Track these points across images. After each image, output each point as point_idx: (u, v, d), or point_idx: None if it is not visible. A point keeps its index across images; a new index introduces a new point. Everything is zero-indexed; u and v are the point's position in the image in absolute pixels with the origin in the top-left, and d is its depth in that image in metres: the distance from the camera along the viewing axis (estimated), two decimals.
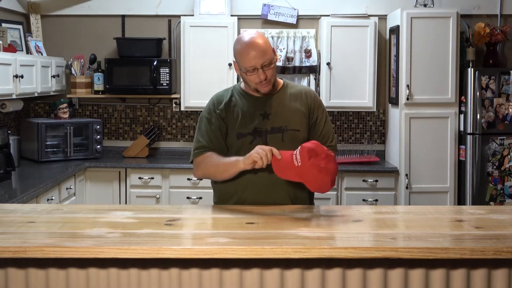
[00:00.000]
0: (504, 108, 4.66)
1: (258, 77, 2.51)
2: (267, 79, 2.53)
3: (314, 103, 2.68)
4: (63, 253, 1.92)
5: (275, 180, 2.53)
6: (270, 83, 2.57)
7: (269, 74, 2.53)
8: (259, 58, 2.48)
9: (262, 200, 2.56)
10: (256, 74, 2.51)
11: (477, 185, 4.69)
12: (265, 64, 2.50)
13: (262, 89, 2.57)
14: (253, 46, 2.49)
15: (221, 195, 2.70)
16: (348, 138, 5.35)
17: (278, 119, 2.60)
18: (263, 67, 2.50)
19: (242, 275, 1.99)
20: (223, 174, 2.57)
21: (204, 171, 2.64)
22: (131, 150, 5.22)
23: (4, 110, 4.53)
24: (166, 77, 4.99)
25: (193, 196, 4.79)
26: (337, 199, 4.81)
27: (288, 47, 5.11)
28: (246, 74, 2.54)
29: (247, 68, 2.51)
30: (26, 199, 3.52)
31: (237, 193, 2.61)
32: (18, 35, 4.82)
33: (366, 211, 2.49)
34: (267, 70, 2.52)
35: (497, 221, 2.31)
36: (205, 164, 2.61)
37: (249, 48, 2.49)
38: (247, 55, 2.49)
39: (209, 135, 2.62)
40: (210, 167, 2.60)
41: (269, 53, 2.51)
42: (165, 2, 5.27)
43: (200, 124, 2.68)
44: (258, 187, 2.58)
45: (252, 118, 2.59)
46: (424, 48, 4.72)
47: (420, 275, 1.99)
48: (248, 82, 2.58)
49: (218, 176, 2.62)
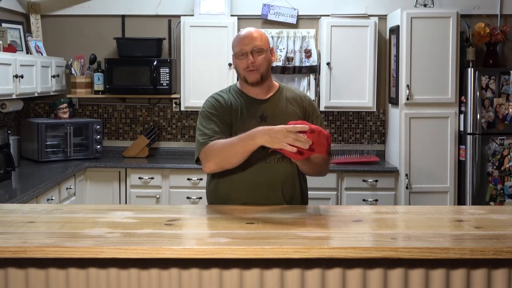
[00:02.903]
0: (504, 108, 4.66)
1: (246, 62, 2.56)
2: (255, 64, 2.56)
3: (310, 108, 2.70)
4: (63, 253, 1.92)
5: (270, 180, 2.55)
6: (258, 72, 2.58)
7: (257, 61, 2.57)
8: (249, 44, 2.57)
9: (256, 201, 2.56)
10: (245, 59, 2.57)
11: (477, 185, 4.69)
12: (255, 49, 2.56)
13: (249, 77, 2.58)
14: (247, 33, 2.62)
15: (215, 195, 2.68)
16: (348, 138, 5.35)
17: (275, 122, 2.58)
18: (252, 52, 2.56)
19: (242, 275, 1.99)
20: (238, 156, 2.43)
21: (218, 158, 2.47)
22: (131, 150, 5.22)
23: (4, 110, 4.53)
24: (166, 77, 4.99)
25: (193, 196, 4.79)
26: (337, 199, 4.81)
27: (288, 47, 5.11)
28: (236, 58, 2.60)
29: (237, 52, 2.59)
30: (26, 199, 3.52)
31: (230, 193, 2.61)
32: (18, 35, 4.82)
33: (366, 211, 2.49)
34: (257, 57, 2.57)
35: (497, 221, 2.31)
36: (215, 151, 2.46)
37: (243, 36, 2.62)
38: (239, 40, 2.61)
39: (216, 124, 2.56)
40: (223, 152, 2.45)
41: (260, 41, 2.59)
42: (165, 2, 5.27)
43: (203, 118, 2.61)
44: (252, 187, 2.57)
45: (250, 120, 2.59)
46: (424, 48, 4.72)
47: (420, 275, 1.99)
48: (238, 70, 2.63)
49: (232, 160, 2.46)
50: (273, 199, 2.58)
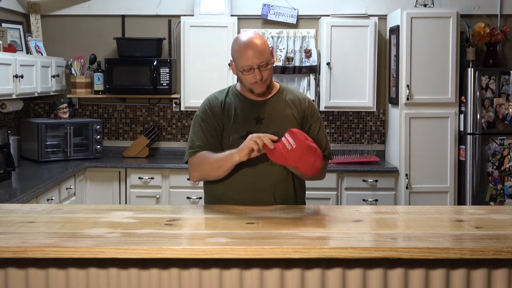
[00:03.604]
0: (504, 108, 4.66)
1: (254, 77, 2.51)
2: (263, 79, 2.53)
3: (308, 110, 2.66)
4: (63, 253, 1.92)
5: (262, 183, 2.56)
6: (265, 84, 2.56)
7: (265, 75, 2.52)
8: (256, 58, 2.48)
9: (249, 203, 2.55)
10: (252, 74, 2.51)
11: (477, 185, 4.69)
12: (262, 64, 2.50)
13: (256, 89, 2.56)
14: (251, 46, 2.49)
15: (210, 196, 2.70)
16: (348, 138, 5.35)
17: (271, 124, 2.58)
18: (259, 67, 2.49)
19: (242, 275, 1.99)
20: (218, 170, 2.53)
21: (200, 171, 2.58)
22: (131, 150, 5.22)
23: (4, 110, 4.53)
24: (166, 77, 4.99)
25: (193, 196, 4.79)
26: (337, 199, 4.81)
27: (288, 47, 5.11)
28: (242, 74, 2.54)
29: (243, 68, 2.51)
30: (26, 199, 3.52)
31: (225, 195, 2.61)
32: (18, 35, 4.82)
33: (366, 211, 2.49)
34: (264, 71, 2.51)
35: (497, 221, 2.31)
36: (199, 163, 2.57)
37: (247, 48, 2.49)
38: (245, 54, 2.49)
39: (204, 134, 2.60)
40: (204, 165, 2.55)
41: (266, 53, 2.51)
42: (165, 2, 5.27)
43: (194, 124, 2.65)
44: (245, 189, 2.57)
45: (246, 122, 2.58)
46: (424, 48, 4.72)
47: (420, 275, 1.99)
48: (244, 81, 2.58)
49: (212, 173, 2.56)
50: (264, 202, 2.57)
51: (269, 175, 2.58)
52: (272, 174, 2.58)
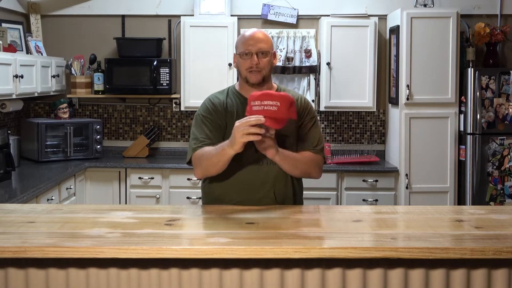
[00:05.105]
0: (504, 108, 4.66)
1: (251, 62, 2.57)
2: (259, 66, 2.57)
3: (303, 109, 2.67)
4: (63, 253, 1.92)
5: (261, 181, 2.56)
6: (261, 74, 2.59)
7: (261, 63, 2.58)
8: (255, 44, 2.58)
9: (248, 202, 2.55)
10: (250, 59, 2.57)
11: (477, 185, 4.69)
12: (260, 51, 2.57)
13: (251, 77, 2.59)
14: (254, 34, 2.63)
15: (208, 197, 2.69)
16: (348, 138, 5.35)
17: None
18: (257, 54, 2.57)
19: (242, 275, 1.99)
20: (216, 166, 2.51)
21: (201, 167, 2.57)
22: (131, 150, 5.22)
23: (4, 110, 4.53)
24: (166, 77, 4.99)
25: (193, 196, 4.79)
26: (337, 199, 4.81)
27: (288, 47, 5.11)
28: (240, 58, 2.60)
29: (243, 51, 2.59)
30: (26, 199, 3.52)
31: (223, 195, 2.61)
32: (18, 35, 4.82)
33: (366, 211, 2.49)
34: (261, 58, 2.58)
35: (497, 221, 2.31)
36: (200, 160, 2.56)
37: (249, 35, 2.62)
38: (246, 40, 2.61)
39: (209, 130, 2.60)
40: (204, 161, 2.54)
41: (267, 44, 2.60)
42: (165, 2, 5.27)
43: (196, 123, 2.65)
44: (244, 188, 2.58)
45: None
46: (424, 48, 4.72)
47: (420, 275, 1.99)
48: (241, 69, 2.62)
49: (212, 169, 2.55)
50: (264, 201, 2.58)
51: (269, 173, 2.59)
52: (272, 172, 2.59)
